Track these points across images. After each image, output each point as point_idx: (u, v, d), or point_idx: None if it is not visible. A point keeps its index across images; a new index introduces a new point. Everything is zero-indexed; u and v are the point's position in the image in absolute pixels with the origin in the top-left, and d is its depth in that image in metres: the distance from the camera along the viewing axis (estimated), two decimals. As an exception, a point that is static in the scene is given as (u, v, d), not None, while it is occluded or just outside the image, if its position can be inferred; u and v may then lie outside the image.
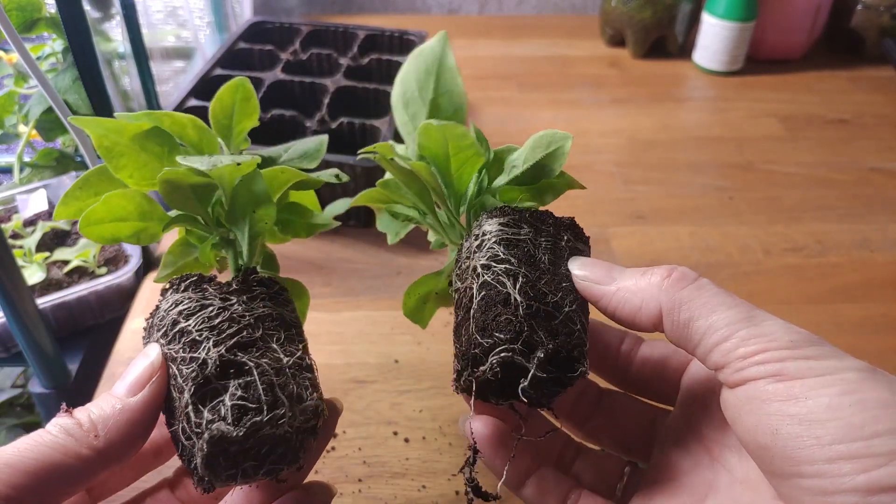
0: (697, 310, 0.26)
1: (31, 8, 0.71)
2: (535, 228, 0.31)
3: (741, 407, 0.24)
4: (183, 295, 0.29)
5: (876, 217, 0.69)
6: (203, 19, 0.96)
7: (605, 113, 0.85)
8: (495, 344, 0.26)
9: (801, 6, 0.92)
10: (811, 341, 0.25)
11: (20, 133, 0.77)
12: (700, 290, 0.27)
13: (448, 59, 0.35)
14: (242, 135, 0.36)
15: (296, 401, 0.26)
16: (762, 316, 0.26)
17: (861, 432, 0.22)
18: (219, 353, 0.26)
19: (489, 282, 0.28)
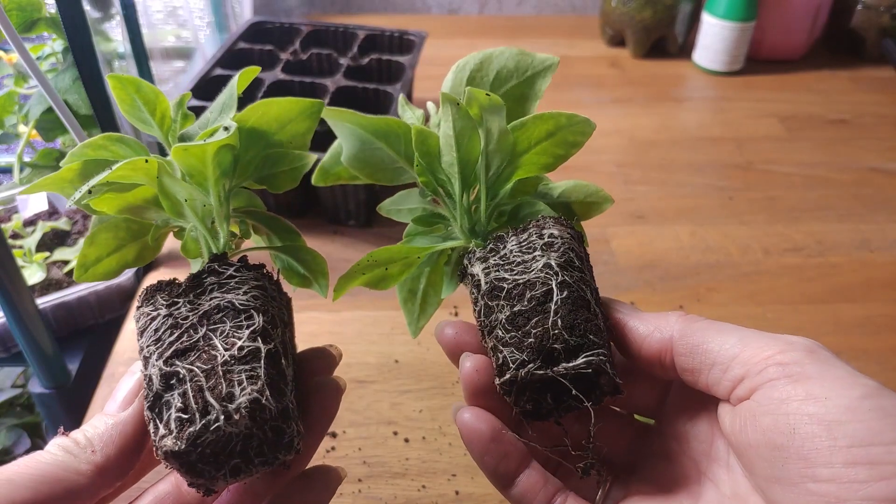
0: (710, 333, 0.27)
1: (31, 8, 0.71)
2: (579, 241, 0.32)
3: (756, 408, 0.24)
4: (140, 311, 0.30)
5: (876, 217, 0.69)
6: (203, 19, 0.96)
7: (606, 113, 0.85)
8: (588, 345, 0.26)
9: (801, 6, 0.92)
10: (825, 349, 0.25)
11: (20, 133, 0.77)
12: (711, 322, 0.28)
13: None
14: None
15: (226, 400, 0.25)
16: (775, 334, 0.26)
17: (881, 437, 0.21)
18: (159, 366, 0.26)
19: (570, 283, 0.28)
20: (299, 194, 0.65)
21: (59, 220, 0.66)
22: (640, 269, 0.61)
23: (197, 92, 0.67)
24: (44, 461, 0.25)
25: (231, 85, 0.33)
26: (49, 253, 0.62)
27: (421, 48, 0.78)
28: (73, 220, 0.67)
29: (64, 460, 0.26)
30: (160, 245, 0.34)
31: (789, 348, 0.24)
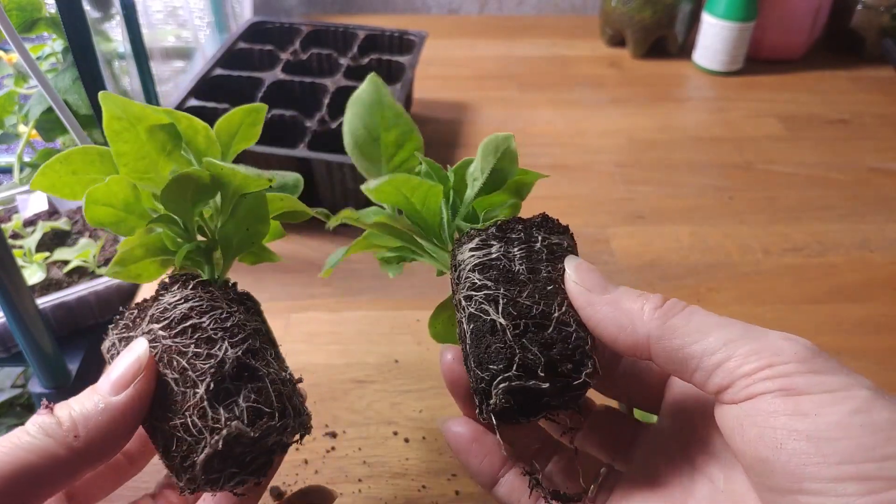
0: (690, 335, 0.25)
1: (31, 8, 0.71)
2: (506, 241, 0.31)
3: (744, 418, 0.24)
4: (192, 292, 0.29)
5: (876, 217, 0.69)
6: (203, 19, 0.96)
7: (605, 113, 0.85)
8: (493, 376, 0.26)
9: (802, 6, 0.92)
10: (817, 353, 0.24)
11: (20, 133, 0.77)
12: (691, 316, 0.26)
13: (385, 97, 0.35)
14: (235, 155, 0.36)
15: (296, 413, 0.27)
16: (760, 331, 0.25)
17: (872, 453, 0.21)
18: (236, 354, 0.27)
19: (474, 313, 0.28)
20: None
21: (59, 220, 0.66)
22: (640, 269, 0.61)
23: (197, 92, 0.67)
24: (21, 445, 0.24)
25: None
26: (49, 253, 0.62)
27: (421, 48, 0.78)
28: (73, 220, 0.67)
29: (42, 445, 0.24)
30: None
31: (778, 359, 0.23)
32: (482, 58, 0.98)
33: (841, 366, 0.24)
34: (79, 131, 0.58)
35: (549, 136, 0.81)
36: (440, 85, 0.90)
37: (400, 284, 0.59)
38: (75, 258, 0.60)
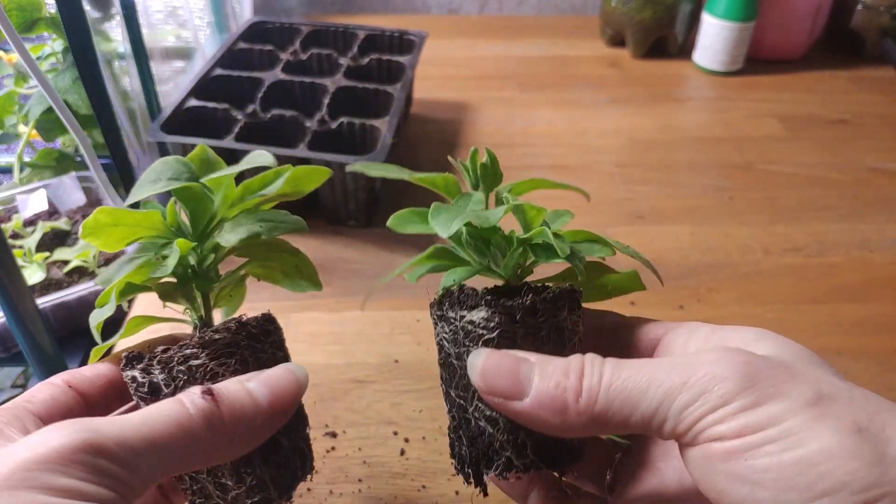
0: (627, 404, 0.24)
1: (31, 8, 0.71)
2: (447, 320, 0.29)
3: (689, 461, 0.24)
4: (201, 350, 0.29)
5: (876, 217, 0.69)
6: (203, 19, 0.96)
7: (605, 113, 0.85)
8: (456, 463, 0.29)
9: (802, 6, 0.92)
10: (748, 380, 0.22)
11: (20, 133, 0.77)
12: (616, 380, 0.24)
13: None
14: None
15: (303, 461, 0.31)
16: (687, 363, 0.23)
17: (806, 493, 0.20)
18: None
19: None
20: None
21: (59, 220, 0.66)
22: (640, 269, 0.61)
23: (197, 92, 0.67)
24: (179, 422, 0.23)
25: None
26: (49, 253, 0.62)
27: (421, 48, 0.78)
28: (73, 220, 0.67)
29: (197, 433, 0.24)
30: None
31: (710, 405, 0.22)
32: (482, 58, 0.98)
33: (775, 380, 0.22)
34: (79, 131, 0.58)
35: (548, 136, 0.81)
36: (440, 85, 0.90)
37: (400, 284, 0.59)
38: (75, 258, 0.60)
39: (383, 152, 0.60)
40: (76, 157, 0.77)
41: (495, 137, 0.80)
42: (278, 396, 0.27)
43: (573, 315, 0.29)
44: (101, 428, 0.22)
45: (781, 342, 0.25)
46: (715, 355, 0.23)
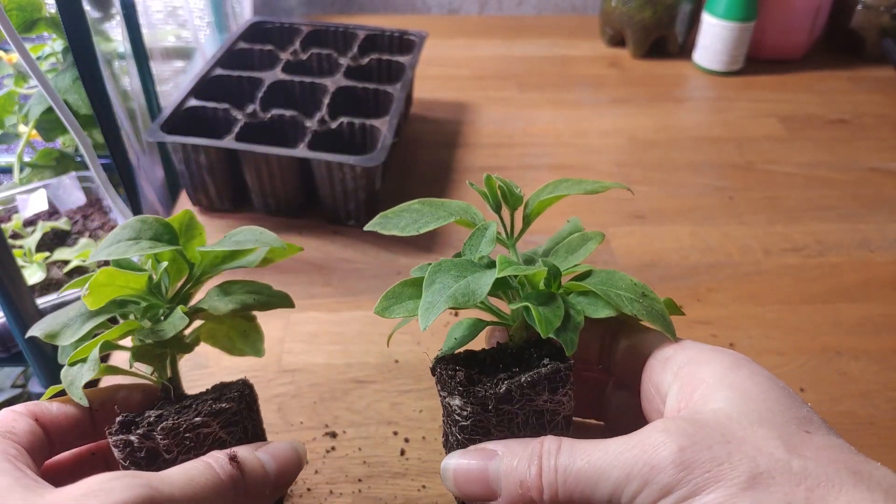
0: (585, 489, 0.25)
1: (31, 8, 0.71)
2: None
3: None
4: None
5: (876, 217, 0.69)
6: (203, 19, 0.96)
7: (605, 113, 0.85)
8: None
9: (802, 6, 0.92)
10: (684, 469, 0.23)
11: (20, 133, 0.77)
12: (570, 464, 0.25)
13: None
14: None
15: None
16: (631, 449, 0.24)
17: None
18: None
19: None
20: (298, 194, 0.65)
21: (59, 220, 0.66)
22: (640, 269, 0.61)
23: (197, 92, 0.67)
24: (207, 484, 0.27)
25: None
26: (49, 253, 0.62)
27: (421, 48, 0.78)
28: (73, 220, 0.67)
29: (224, 495, 0.27)
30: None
31: (661, 494, 0.23)
32: (482, 58, 0.98)
33: (713, 461, 0.23)
34: (79, 131, 0.58)
35: (549, 136, 0.81)
36: (440, 85, 0.90)
37: (400, 284, 0.59)
38: (75, 258, 0.60)
39: (383, 152, 0.60)
40: (76, 157, 0.77)
41: (495, 137, 0.80)
42: (283, 469, 0.30)
43: (556, 395, 0.28)
44: (156, 485, 0.25)
45: (748, 383, 0.25)
46: (656, 439, 0.24)
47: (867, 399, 0.50)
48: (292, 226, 0.65)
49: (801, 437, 0.23)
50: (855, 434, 0.48)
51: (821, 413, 0.48)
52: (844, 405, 0.50)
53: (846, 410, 0.49)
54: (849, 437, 0.47)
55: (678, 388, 0.26)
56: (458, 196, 0.70)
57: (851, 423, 0.48)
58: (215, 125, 0.65)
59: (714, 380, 0.25)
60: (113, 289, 0.31)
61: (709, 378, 0.25)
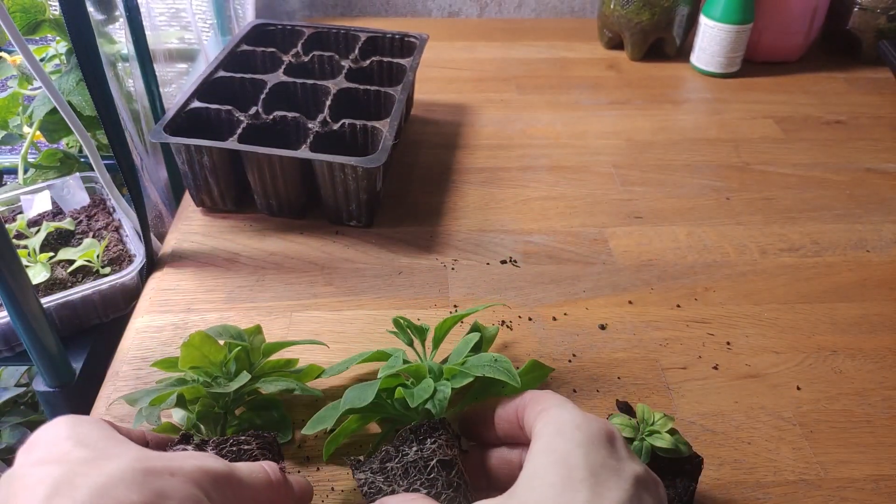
0: None
1: (35, 10, 0.72)
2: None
3: None
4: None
5: (872, 217, 0.69)
6: (206, 22, 0.97)
7: (604, 115, 0.86)
8: None
9: (798, 9, 0.93)
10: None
11: (24, 134, 0.78)
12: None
13: None
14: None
15: None
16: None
17: None
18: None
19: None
20: (300, 195, 0.65)
21: (63, 220, 0.67)
22: (638, 269, 0.62)
23: (200, 94, 0.67)
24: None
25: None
26: (53, 253, 0.63)
27: (422, 51, 0.79)
28: (77, 220, 0.68)
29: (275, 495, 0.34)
30: None
31: None
32: (482, 60, 0.99)
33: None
34: (82, 132, 0.59)
35: (547, 137, 0.81)
36: (440, 87, 0.91)
37: (401, 283, 0.59)
38: (79, 258, 0.61)
39: (384, 154, 0.60)
40: (80, 158, 0.78)
41: (495, 139, 0.80)
42: (303, 492, 0.38)
43: (424, 445, 0.38)
44: (231, 467, 0.32)
45: (553, 456, 0.31)
46: None
47: (863, 398, 0.51)
48: (294, 226, 0.66)
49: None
50: (851, 433, 0.48)
51: (817, 412, 0.49)
52: (840, 403, 0.50)
53: (842, 409, 0.50)
54: (845, 435, 0.48)
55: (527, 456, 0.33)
56: (456, 196, 0.70)
57: (847, 421, 0.49)
58: (218, 127, 0.65)
59: (526, 463, 0.32)
60: (199, 354, 0.41)
61: (528, 458, 0.32)
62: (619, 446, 0.32)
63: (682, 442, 0.37)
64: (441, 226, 0.66)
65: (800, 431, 0.48)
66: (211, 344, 0.42)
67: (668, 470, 0.36)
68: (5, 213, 0.68)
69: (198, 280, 0.59)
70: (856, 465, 0.46)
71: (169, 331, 0.54)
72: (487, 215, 0.68)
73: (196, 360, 0.42)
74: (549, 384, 0.50)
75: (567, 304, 0.58)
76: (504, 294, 0.59)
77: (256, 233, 0.64)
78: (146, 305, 0.57)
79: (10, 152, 0.91)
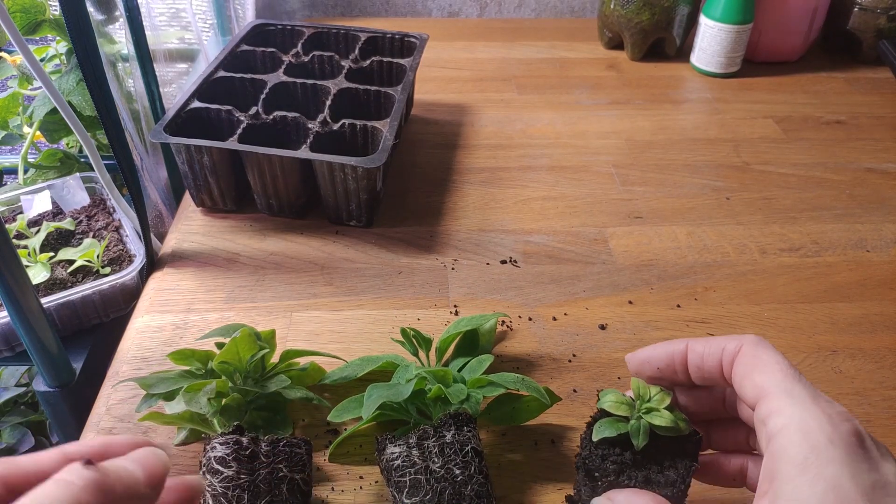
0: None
1: (36, 10, 0.72)
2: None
3: None
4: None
5: (871, 217, 0.69)
6: (206, 22, 0.97)
7: (604, 114, 0.86)
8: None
9: (799, 8, 0.93)
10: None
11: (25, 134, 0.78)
12: None
13: None
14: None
15: None
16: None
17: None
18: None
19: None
20: (300, 195, 0.65)
21: (63, 220, 0.67)
22: (638, 269, 0.62)
23: (200, 94, 0.67)
24: None
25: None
26: (53, 253, 0.63)
27: (422, 51, 0.79)
28: (77, 220, 0.68)
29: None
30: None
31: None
32: (482, 60, 0.99)
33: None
34: (83, 132, 0.59)
35: (547, 137, 0.81)
36: (440, 87, 0.91)
37: (401, 283, 0.59)
38: (80, 258, 0.61)
39: (384, 153, 0.60)
40: (80, 158, 0.78)
41: (495, 139, 0.80)
42: (150, 472, 0.27)
43: (461, 432, 0.41)
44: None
45: (819, 485, 0.27)
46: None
47: (863, 397, 0.51)
48: (294, 226, 0.66)
49: None
50: (850, 431, 0.48)
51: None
52: (840, 403, 0.50)
53: (841, 408, 0.50)
54: (843, 433, 0.48)
55: (763, 465, 0.29)
56: (456, 196, 0.70)
57: (846, 420, 0.49)
58: (218, 127, 0.65)
59: (781, 485, 0.27)
60: (235, 350, 0.43)
61: (779, 477, 0.28)
62: (870, 445, 0.28)
63: (682, 418, 0.35)
64: (441, 226, 0.66)
65: (800, 431, 0.48)
66: (251, 343, 0.43)
67: (669, 450, 0.35)
68: (5, 213, 0.68)
69: (198, 280, 0.59)
70: (856, 465, 0.46)
71: (169, 331, 0.54)
72: (487, 215, 0.68)
73: (231, 356, 0.43)
74: (551, 382, 0.50)
75: (567, 304, 0.58)
76: (504, 294, 0.59)
77: (256, 233, 0.65)
78: (146, 305, 0.57)
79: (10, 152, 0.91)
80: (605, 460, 0.34)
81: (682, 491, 0.33)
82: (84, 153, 0.75)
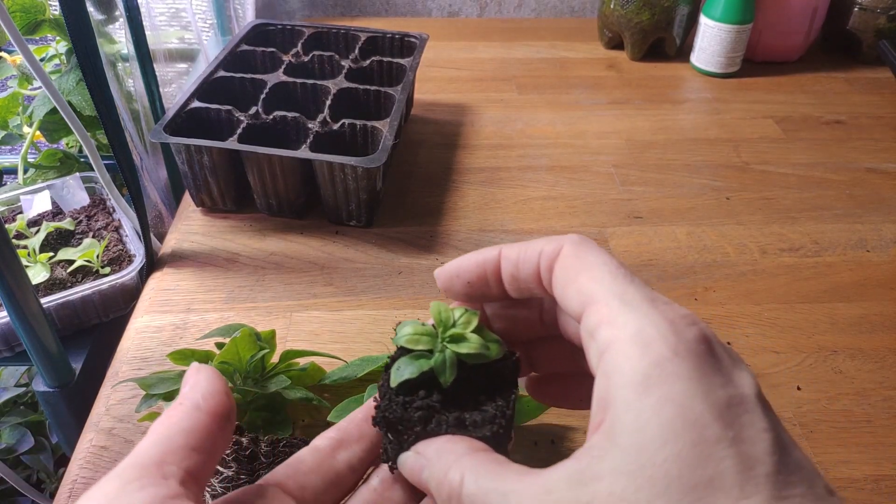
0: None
1: (35, 10, 0.72)
2: None
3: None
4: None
5: (871, 217, 0.69)
6: (206, 22, 0.97)
7: (603, 114, 0.86)
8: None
9: (798, 8, 0.93)
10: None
11: (24, 134, 0.78)
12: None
13: None
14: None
15: None
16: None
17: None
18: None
19: None
20: (300, 195, 0.65)
21: (63, 220, 0.67)
22: (638, 269, 0.62)
23: (200, 94, 0.67)
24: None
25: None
26: (53, 253, 0.63)
27: (422, 50, 0.79)
28: (76, 220, 0.68)
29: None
30: None
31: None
32: (482, 60, 0.99)
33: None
34: (82, 132, 0.59)
35: (547, 137, 0.81)
36: (440, 87, 0.91)
37: (401, 283, 0.59)
38: (79, 258, 0.61)
39: (384, 153, 0.60)
40: (80, 158, 0.78)
41: (495, 138, 0.80)
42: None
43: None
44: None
45: (651, 424, 0.21)
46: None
47: (863, 397, 0.51)
48: (294, 226, 0.66)
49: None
50: (851, 433, 0.48)
51: (817, 412, 0.49)
52: (840, 404, 0.50)
53: (842, 409, 0.50)
54: (845, 435, 0.48)
55: (595, 388, 0.23)
56: (456, 196, 0.70)
57: (847, 421, 0.49)
58: (218, 127, 0.65)
59: (617, 413, 0.21)
60: (236, 350, 0.43)
61: (615, 403, 0.22)
62: (720, 353, 0.22)
63: (494, 339, 0.28)
64: (441, 226, 0.66)
65: (800, 431, 0.48)
66: (251, 343, 0.44)
67: (483, 381, 0.28)
68: (5, 213, 0.68)
69: (198, 280, 0.59)
70: (856, 465, 0.46)
71: (169, 331, 0.54)
72: (487, 215, 0.68)
73: (231, 356, 0.43)
74: (549, 384, 0.50)
75: (567, 303, 0.58)
76: (504, 294, 0.59)
77: (256, 233, 0.65)
78: (146, 305, 0.57)
79: (10, 152, 0.91)
80: (408, 408, 0.28)
81: (505, 426, 0.27)
82: (84, 153, 0.75)
